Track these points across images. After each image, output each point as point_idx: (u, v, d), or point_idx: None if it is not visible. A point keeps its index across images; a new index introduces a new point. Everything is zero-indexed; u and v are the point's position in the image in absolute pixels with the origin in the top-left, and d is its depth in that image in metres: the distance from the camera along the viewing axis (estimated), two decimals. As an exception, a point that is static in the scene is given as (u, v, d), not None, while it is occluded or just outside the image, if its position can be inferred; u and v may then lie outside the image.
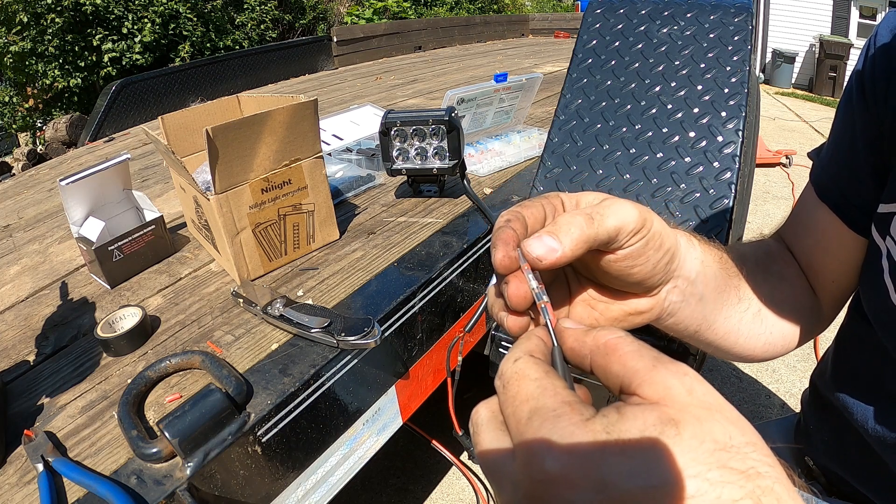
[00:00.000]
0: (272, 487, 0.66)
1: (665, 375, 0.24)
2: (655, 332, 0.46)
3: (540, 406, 0.25)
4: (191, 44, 6.61)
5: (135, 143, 2.14)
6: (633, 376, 0.25)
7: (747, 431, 0.23)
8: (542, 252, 0.32)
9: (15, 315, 0.90)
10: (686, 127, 0.75)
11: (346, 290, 0.85)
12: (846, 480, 0.59)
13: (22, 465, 0.59)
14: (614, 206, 0.35)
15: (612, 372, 0.26)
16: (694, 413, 0.23)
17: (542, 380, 0.26)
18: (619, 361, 0.26)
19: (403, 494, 1.56)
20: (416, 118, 1.02)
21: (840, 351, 0.59)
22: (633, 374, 0.25)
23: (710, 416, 0.23)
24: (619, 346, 0.26)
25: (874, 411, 0.51)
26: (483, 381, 1.13)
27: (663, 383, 0.24)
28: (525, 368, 0.27)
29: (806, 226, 0.57)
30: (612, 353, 0.26)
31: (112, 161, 0.94)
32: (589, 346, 0.28)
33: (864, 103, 0.49)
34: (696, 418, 0.23)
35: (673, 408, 0.23)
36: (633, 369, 0.25)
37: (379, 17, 7.72)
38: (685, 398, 0.24)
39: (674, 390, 0.24)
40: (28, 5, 5.68)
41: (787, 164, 3.81)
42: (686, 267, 0.41)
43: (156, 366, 0.68)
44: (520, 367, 0.27)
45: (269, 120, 0.81)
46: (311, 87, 2.94)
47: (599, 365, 0.27)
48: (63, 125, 4.28)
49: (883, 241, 0.48)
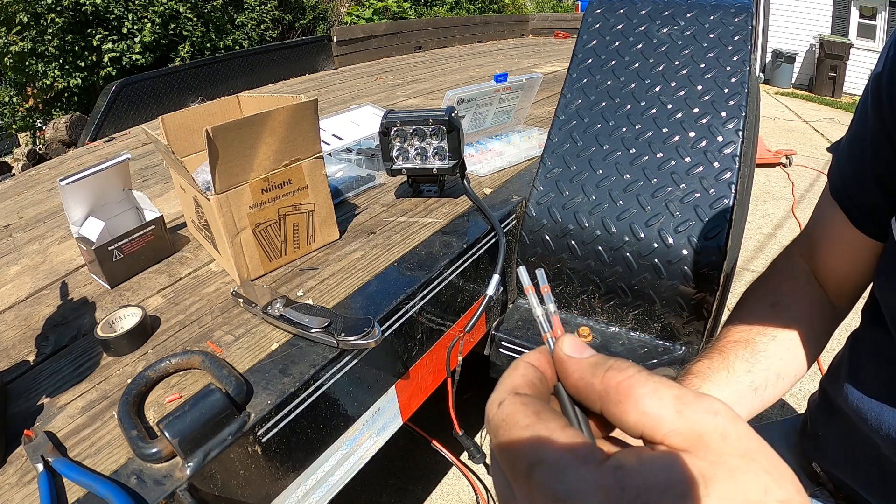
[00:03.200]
0: (272, 487, 0.66)
1: (693, 420, 0.21)
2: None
3: (539, 460, 0.22)
4: (191, 44, 6.61)
5: (135, 143, 2.14)
6: (657, 426, 0.22)
7: (784, 482, 0.21)
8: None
9: (15, 315, 0.90)
10: (686, 127, 0.75)
11: (346, 290, 0.85)
12: (853, 487, 0.59)
13: (22, 465, 0.59)
14: None
15: (629, 422, 0.23)
16: (728, 465, 0.20)
17: (535, 426, 0.23)
18: (637, 409, 0.22)
19: (403, 494, 1.56)
20: (416, 118, 1.02)
21: (854, 357, 0.58)
22: (655, 423, 0.22)
23: (746, 465, 0.20)
24: (633, 389, 0.23)
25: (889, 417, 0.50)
26: (483, 382, 1.13)
27: (693, 430, 0.21)
28: (513, 414, 0.24)
29: (821, 224, 0.58)
30: (627, 400, 0.23)
31: (112, 161, 0.94)
32: (598, 390, 0.24)
33: (877, 108, 0.49)
34: (729, 473, 0.20)
35: (704, 459, 0.21)
36: (656, 417, 0.22)
37: (379, 17, 7.72)
38: (719, 445, 0.21)
39: (705, 437, 0.21)
40: (28, 5, 5.68)
41: (787, 164, 3.81)
42: None
43: (156, 366, 0.68)
44: (507, 413, 0.24)
45: (269, 120, 0.81)
46: (311, 87, 2.94)
47: (613, 413, 0.23)
48: (63, 125, 4.28)
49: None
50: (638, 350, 0.76)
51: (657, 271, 0.74)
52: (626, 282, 0.76)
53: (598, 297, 0.79)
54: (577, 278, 0.88)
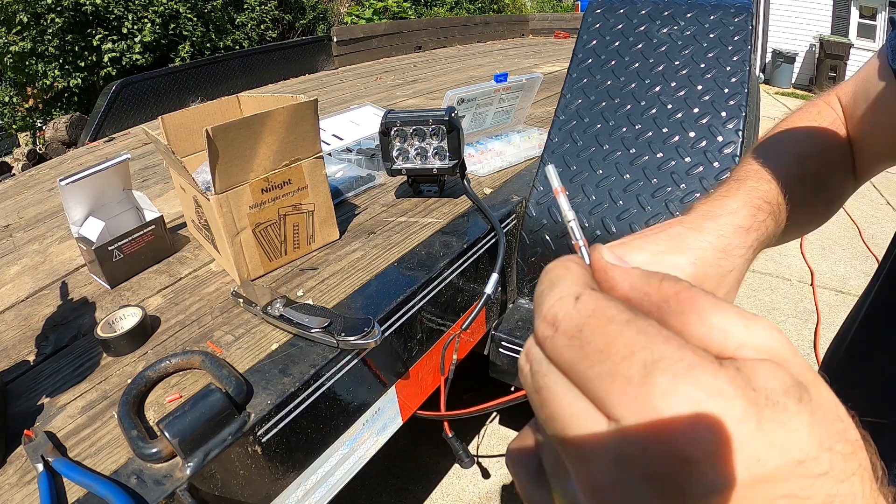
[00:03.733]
0: (272, 487, 0.66)
1: (762, 335, 0.20)
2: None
3: (658, 357, 0.18)
4: (191, 44, 6.62)
5: (135, 143, 2.14)
6: (726, 339, 0.19)
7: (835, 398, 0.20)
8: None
9: (15, 315, 0.90)
10: (686, 127, 0.75)
11: (346, 290, 0.85)
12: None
13: (22, 465, 0.59)
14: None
15: (694, 334, 0.20)
16: (809, 377, 0.19)
17: (637, 320, 0.19)
18: (703, 321, 0.20)
19: (403, 494, 1.56)
20: (416, 118, 1.02)
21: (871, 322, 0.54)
22: (724, 336, 0.19)
23: (818, 380, 0.19)
24: (695, 300, 0.20)
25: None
26: (482, 382, 1.13)
27: (765, 344, 0.19)
28: (603, 308, 0.19)
29: (866, 91, 0.51)
30: (691, 311, 0.20)
31: (112, 161, 0.94)
32: (654, 300, 0.21)
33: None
34: (815, 383, 0.19)
35: (792, 367, 0.19)
36: (723, 330, 0.20)
37: (379, 17, 7.73)
38: (794, 358, 0.19)
39: (778, 351, 0.19)
40: (28, 5, 5.69)
41: (787, 164, 3.80)
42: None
43: (156, 366, 0.68)
44: (594, 308, 0.20)
45: (269, 120, 0.81)
46: (311, 87, 2.94)
47: (674, 325, 0.20)
48: (63, 125, 4.28)
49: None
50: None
51: (657, 271, 0.74)
52: (626, 282, 0.76)
53: (598, 297, 0.79)
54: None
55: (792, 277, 2.54)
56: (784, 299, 2.37)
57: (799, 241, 2.81)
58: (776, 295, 2.41)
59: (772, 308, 2.31)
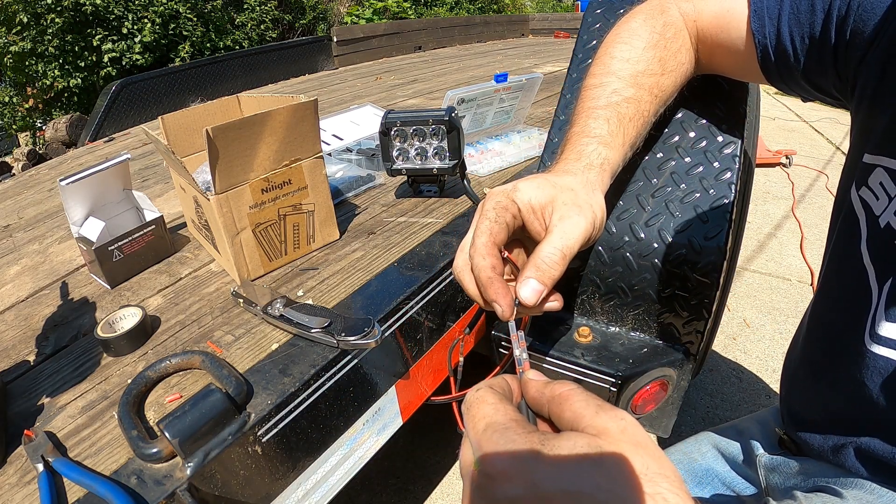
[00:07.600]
0: (272, 487, 0.66)
1: (605, 419, 0.31)
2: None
3: (493, 422, 0.33)
4: (191, 44, 6.62)
5: (135, 143, 2.14)
6: (580, 420, 0.31)
7: (665, 466, 0.29)
8: (530, 297, 0.43)
9: (15, 315, 0.90)
10: (686, 127, 0.75)
11: (346, 290, 0.85)
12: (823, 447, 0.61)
13: (22, 465, 0.59)
14: (574, 229, 0.46)
15: (564, 418, 0.33)
16: (622, 447, 0.29)
17: (497, 404, 0.34)
18: (570, 409, 0.32)
19: (403, 494, 1.56)
20: (416, 118, 1.02)
21: None
22: (580, 418, 0.31)
23: (635, 450, 0.29)
24: (570, 396, 0.33)
25: None
26: (483, 381, 1.13)
27: (603, 424, 0.30)
28: (484, 395, 0.35)
29: (727, 33, 0.61)
30: (565, 403, 0.33)
31: (112, 161, 0.94)
32: (547, 396, 0.34)
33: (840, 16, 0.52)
34: (621, 449, 0.29)
35: (605, 441, 0.29)
36: (580, 414, 0.32)
37: (379, 17, 7.73)
38: (618, 435, 0.30)
39: (610, 429, 0.30)
40: (28, 5, 5.69)
41: (787, 164, 3.81)
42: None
43: (156, 366, 0.68)
44: (480, 395, 0.35)
45: (270, 120, 0.81)
46: (311, 87, 2.94)
47: (555, 413, 0.34)
48: (63, 125, 4.28)
49: (862, 209, 0.52)
50: (638, 350, 0.76)
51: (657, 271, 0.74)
52: (626, 282, 0.76)
53: (598, 297, 0.79)
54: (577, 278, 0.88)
55: (792, 277, 2.54)
56: (784, 299, 2.37)
57: (799, 241, 2.81)
58: (776, 295, 2.41)
59: (772, 308, 2.31)
